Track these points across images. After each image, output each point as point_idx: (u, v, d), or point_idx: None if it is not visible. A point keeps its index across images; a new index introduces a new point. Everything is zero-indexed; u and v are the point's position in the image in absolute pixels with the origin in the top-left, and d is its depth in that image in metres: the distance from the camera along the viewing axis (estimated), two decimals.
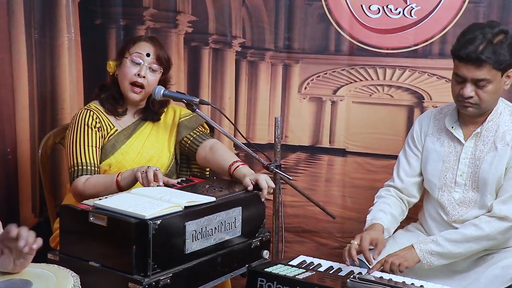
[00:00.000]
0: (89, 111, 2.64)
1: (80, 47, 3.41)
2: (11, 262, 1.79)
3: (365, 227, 2.49)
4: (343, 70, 3.18)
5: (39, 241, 1.76)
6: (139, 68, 2.61)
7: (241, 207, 2.29)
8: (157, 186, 2.34)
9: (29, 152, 3.19)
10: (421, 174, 2.60)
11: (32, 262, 1.84)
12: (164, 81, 2.72)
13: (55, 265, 1.93)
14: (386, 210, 2.53)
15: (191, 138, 2.74)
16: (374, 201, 2.63)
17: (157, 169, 2.38)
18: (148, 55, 2.63)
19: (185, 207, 2.10)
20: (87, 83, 3.42)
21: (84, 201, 2.16)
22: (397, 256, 2.33)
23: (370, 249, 2.33)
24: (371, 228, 2.44)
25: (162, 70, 2.68)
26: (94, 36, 3.45)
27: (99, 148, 2.62)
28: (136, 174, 2.39)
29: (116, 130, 2.68)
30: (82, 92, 3.44)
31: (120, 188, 2.44)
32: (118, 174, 2.47)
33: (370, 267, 2.29)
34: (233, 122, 3.17)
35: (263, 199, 2.40)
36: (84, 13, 3.41)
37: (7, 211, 2.97)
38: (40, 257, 1.96)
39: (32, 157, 3.19)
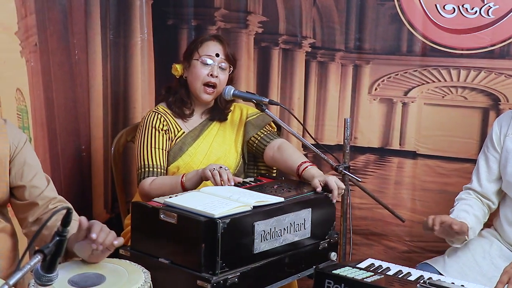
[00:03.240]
0: (157, 113, 2.68)
1: (152, 47, 3.48)
2: (89, 251, 1.84)
3: None
4: (415, 71, 3.12)
5: (120, 240, 1.83)
6: (210, 68, 2.64)
7: (311, 209, 2.28)
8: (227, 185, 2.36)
9: (102, 149, 3.27)
10: (500, 178, 2.51)
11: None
12: (231, 79, 2.74)
13: (127, 261, 1.97)
14: (469, 211, 2.45)
15: (259, 138, 2.75)
16: (455, 204, 2.55)
17: (227, 168, 2.39)
18: (217, 55, 2.65)
19: (254, 207, 2.11)
20: (159, 83, 3.48)
21: (155, 199, 2.20)
22: None
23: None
24: None
25: (231, 68, 2.70)
26: (166, 36, 3.50)
27: (166, 150, 2.65)
28: (205, 174, 2.41)
29: (183, 132, 2.71)
30: (153, 92, 3.50)
31: (185, 189, 2.46)
32: (183, 176, 2.49)
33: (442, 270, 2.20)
34: (302, 123, 3.16)
35: (334, 201, 2.38)
36: (157, 13, 3.47)
37: (81, 207, 3.05)
38: (112, 252, 2.00)
39: (105, 154, 3.27)
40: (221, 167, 2.38)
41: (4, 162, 2.03)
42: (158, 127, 2.65)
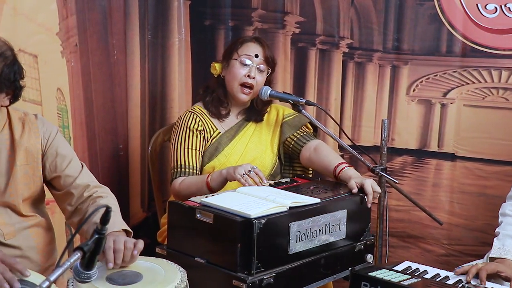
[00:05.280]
0: (192, 114, 2.69)
1: (189, 48, 3.50)
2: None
3: (491, 252, 2.32)
4: (454, 72, 3.08)
5: (139, 245, 1.85)
6: (248, 69, 2.64)
7: (346, 210, 2.27)
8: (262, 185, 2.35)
9: (140, 149, 3.30)
10: None
11: (141, 255, 1.90)
12: (269, 81, 2.73)
13: (164, 260, 1.99)
14: None
15: (295, 139, 2.73)
16: (499, 220, 2.47)
17: (256, 168, 2.39)
18: (256, 56, 2.65)
19: (290, 207, 2.10)
20: (196, 83, 3.50)
21: (191, 198, 2.22)
22: None
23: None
24: (501, 263, 2.25)
25: (269, 70, 2.70)
26: (203, 36, 3.53)
27: (200, 151, 2.66)
28: (230, 175, 2.41)
29: (219, 132, 2.71)
30: (190, 92, 3.53)
31: (211, 189, 2.46)
32: (208, 176, 2.50)
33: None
34: (339, 124, 3.15)
35: (368, 205, 2.36)
36: (194, 14, 3.49)
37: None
38: (149, 251, 2.03)
39: (142, 154, 3.30)
40: (250, 170, 2.37)
41: (36, 157, 2.09)
42: (193, 127, 2.66)
